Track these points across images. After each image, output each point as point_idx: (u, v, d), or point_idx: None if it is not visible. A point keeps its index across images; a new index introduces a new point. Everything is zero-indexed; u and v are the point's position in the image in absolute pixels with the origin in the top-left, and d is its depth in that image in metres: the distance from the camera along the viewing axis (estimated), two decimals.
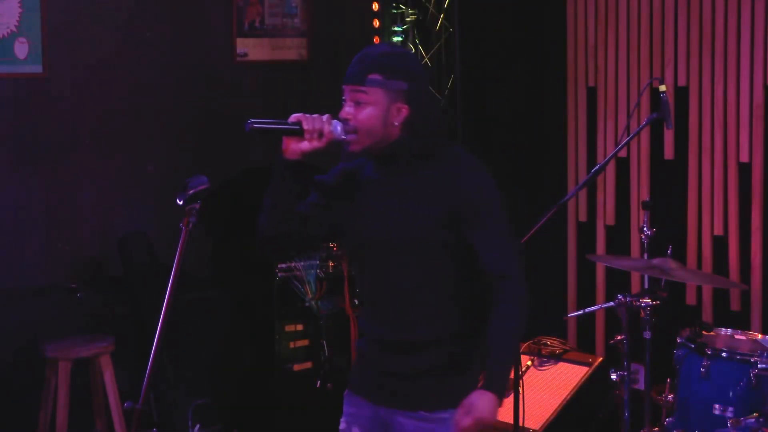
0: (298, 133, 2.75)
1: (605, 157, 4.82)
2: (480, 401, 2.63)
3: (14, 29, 5.02)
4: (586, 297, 5.25)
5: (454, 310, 2.78)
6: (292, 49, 5.85)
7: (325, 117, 2.77)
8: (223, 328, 5.43)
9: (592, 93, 5.26)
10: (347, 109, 2.77)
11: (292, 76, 5.76)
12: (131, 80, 5.36)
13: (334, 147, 2.81)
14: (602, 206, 5.23)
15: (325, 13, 5.94)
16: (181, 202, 2.76)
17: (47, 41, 5.09)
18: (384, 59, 2.76)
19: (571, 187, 5.26)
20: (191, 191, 2.76)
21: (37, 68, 5.09)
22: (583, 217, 5.34)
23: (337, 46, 5.90)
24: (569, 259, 5.38)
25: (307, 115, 2.77)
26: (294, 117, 2.76)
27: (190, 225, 2.76)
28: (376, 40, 5.73)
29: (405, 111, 2.75)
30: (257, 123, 2.73)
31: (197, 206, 2.76)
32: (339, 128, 2.76)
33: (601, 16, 5.16)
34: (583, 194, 5.28)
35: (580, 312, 4.20)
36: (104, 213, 5.32)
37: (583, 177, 5.17)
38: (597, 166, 3.86)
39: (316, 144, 2.75)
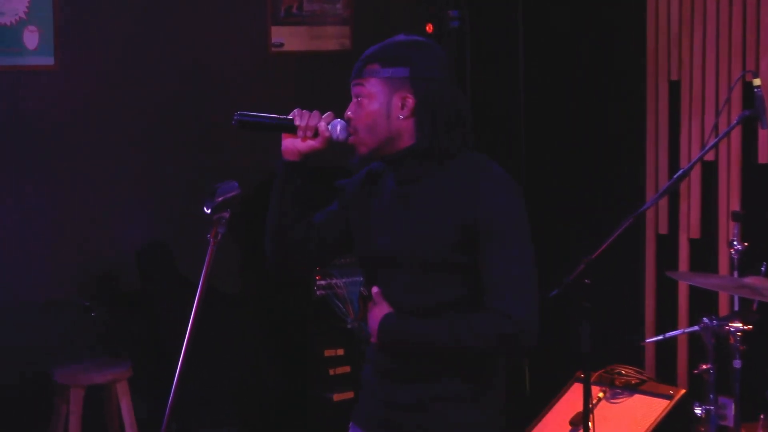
0: (290, 129, 2.79)
1: (689, 160, 4.79)
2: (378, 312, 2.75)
3: (23, 16, 5.08)
4: (667, 320, 5.22)
5: None
6: (333, 39, 5.88)
7: (326, 114, 2.81)
8: (253, 351, 5.46)
9: (675, 87, 5.23)
10: (350, 107, 2.79)
11: (332, 68, 5.78)
12: (152, 73, 5.41)
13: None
14: (686, 217, 5.20)
15: None
16: (208, 211, 2.76)
17: (59, 30, 5.16)
18: (386, 47, 2.80)
19: (650, 195, 5.24)
20: (220, 198, 2.76)
21: (48, 60, 5.15)
22: (663, 230, 5.31)
23: (383, 34, 5.89)
24: (647, 276, 5.35)
25: (303, 111, 2.81)
26: (294, 112, 2.81)
27: (219, 236, 2.75)
28: (429, 28, 5.73)
29: (411, 101, 2.73)
30: (246, 116, 2.79)
31: (227, 215, 2.76)
32: (339, 128, 2.79)
33: (685, 2, 5.13)
34: (663, 203, 5.25)
35: (660, 337, 4.18)
36: (121, 221, 5.37)
37: (664, 183, 5.14)
38: (680, 172, 3.83)
39: (312, 144, 2.80)
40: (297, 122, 2.80)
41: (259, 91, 5.64)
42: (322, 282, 5.18)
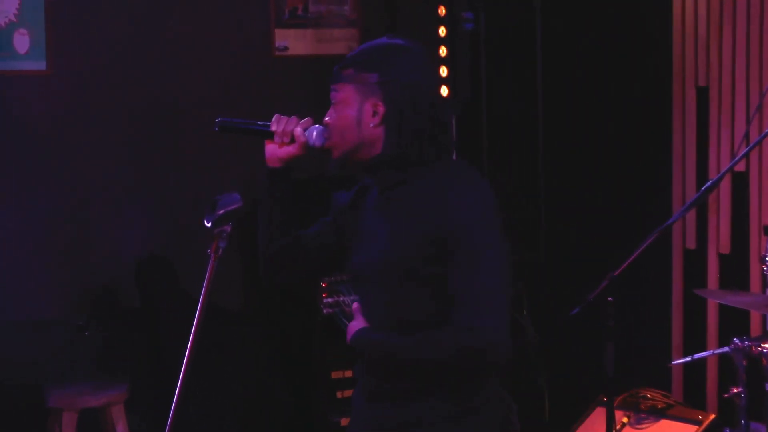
0: (268, 135, 2.90)
1: (719, 171, 4.77)
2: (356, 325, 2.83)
3: (13, 19, 5.09)
4: (695, 341, 5.20)
5: None
6: (340, 42, 5.87)
7: (304, 120, 2.88)
8: (257, 372, 5.45)
9: (703, 94, 5.22)
10: (328, 112, 2.86)
11: None
12: (151, 78, 5.41)
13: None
14: (715, 231, 5.18)
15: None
16: (209, 224, 2.79)
17: (51, 33, 5.16)
18: (361, 52, 2.85)
19: (676, 208, 5.23)
20: (221, 211, 2.79)
21: (40, 64, 5.16)
22: (691, 244, 5.29)
23: None
24: (674, 294, 5.34)
25: (282, 117, 2.90)
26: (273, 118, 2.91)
27: (220, 251, 2.78)
28: (442, 31, 5.72)
29: (381, 108, 2.78)
30: (226, 122, 2.92)
31: (228, 229, 2.79)
32: (315, 133, 2.87)
33: (714, 3, 5.13)
34: (691, 216, 5.24)
35: (688, 359, 4.16)
36: (118, 234, 5.36)
37: (691, 195, 5.13)
38: (709, 183, 3.83)
39: (289, 150, 2.89)
40: (273, 128, 2.89)
41: (263, 97, 5.64)
42: (329, 300, 5.16)
